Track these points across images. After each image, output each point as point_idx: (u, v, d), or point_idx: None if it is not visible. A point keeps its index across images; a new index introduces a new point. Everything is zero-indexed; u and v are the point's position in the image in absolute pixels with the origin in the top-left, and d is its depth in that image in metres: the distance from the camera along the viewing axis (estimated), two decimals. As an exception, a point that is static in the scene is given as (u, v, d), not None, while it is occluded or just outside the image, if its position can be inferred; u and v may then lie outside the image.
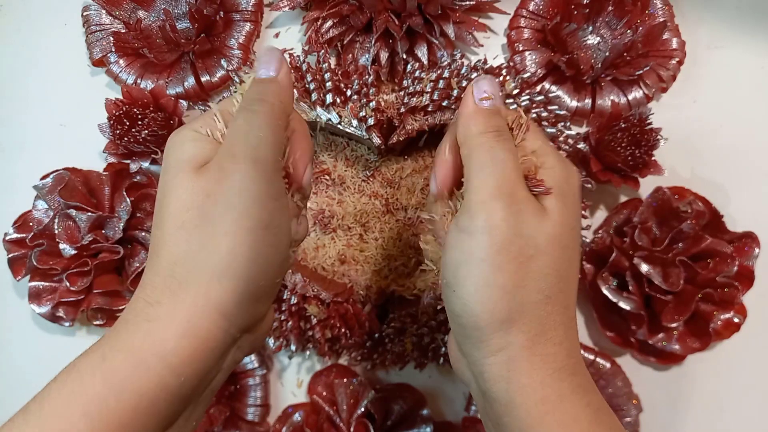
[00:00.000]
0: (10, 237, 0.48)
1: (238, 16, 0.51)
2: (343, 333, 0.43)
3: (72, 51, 0.53)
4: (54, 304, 0.47)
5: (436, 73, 0.44)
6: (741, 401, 0.49)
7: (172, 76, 0.50)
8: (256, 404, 0.48)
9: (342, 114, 0.43)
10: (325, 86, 0.43)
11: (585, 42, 0.50)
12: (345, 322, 0.43)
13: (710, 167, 0.50)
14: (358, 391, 0.46)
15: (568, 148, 0.45)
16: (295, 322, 0.43)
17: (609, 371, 0.47)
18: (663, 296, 0.44)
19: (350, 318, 0.43)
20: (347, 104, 0.43)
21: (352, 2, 0.47)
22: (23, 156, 0.53)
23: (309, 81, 0.43)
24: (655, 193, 0.46)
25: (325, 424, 0.46)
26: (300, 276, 0.43)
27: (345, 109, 0.43)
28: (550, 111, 0.44)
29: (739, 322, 0.46)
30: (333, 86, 0.43)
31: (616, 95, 0.49)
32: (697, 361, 0.48)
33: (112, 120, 0.47)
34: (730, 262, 0.44)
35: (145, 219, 0.48)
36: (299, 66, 0.44)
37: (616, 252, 0.45)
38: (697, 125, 0.51)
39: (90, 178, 0.48)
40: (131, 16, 0.51)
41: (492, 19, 0.52)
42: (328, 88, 0.43)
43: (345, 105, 0.43)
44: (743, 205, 0.49)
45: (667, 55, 0.49)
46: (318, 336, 0.43)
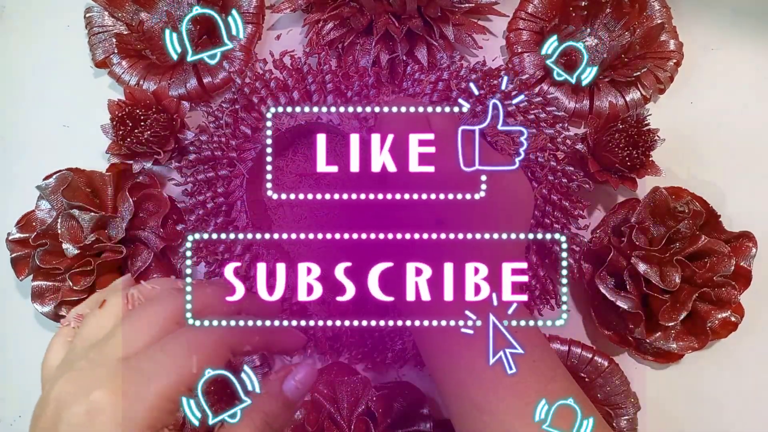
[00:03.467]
0: (13, 237, 0.48)
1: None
2: (344, 331, 0.44)
3: (75, 52, 0.54)
4: (57, 304, 0.47)
5: (436, 75, 0.44)
6: (738, 400, 0.49)
7: (174, 77, 0.50)
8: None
9: (343, 115, 0.43)
10: (326, 88, 0.43)
11: (583, 44, 0.50)
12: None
13: (707, 168, 0.51)
14: (358, 389, 0.47)
15: (566, 149, 0.45)
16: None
17: (607, 369, 0.47)
18: (660, 295, 0.44)
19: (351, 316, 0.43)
20: (348, 105, 0.43)
21: (353, 5, 0.48)
22: (26, 156, 0.53)
23: (310, 83, 0.43)
24: (652, 194, 0.46)
25: (326, 421, 0.46)
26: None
27: (346, 110, 0.43)
28: (548, 112, 0.45)
29: (737, 321, 0.46)
30: (334, 87, 0.43)
31: (613, 96, 0.50)
32: (695, 360, 0.49)
33: (115, 121, 0.47)
34: (727, 262, 0.45)
35: (147, 219, 0.48)
36: (300, 68, 0.44)
37: (614, 252, 0.45)
38: (695, 126, 0.51)
39: (93, 178, 0.49)
40: (134, 18, 0.51)
41: (491, 22, 0.53)
42: (329, 90, 0.43)
43: (345, 106, 0.43)
44: (740, 206, 0.50)
45: (664, 57, 0.50)
46: (319, 334, 0.44)
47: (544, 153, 0.42)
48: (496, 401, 0.29)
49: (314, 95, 0.43)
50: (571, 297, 0.50)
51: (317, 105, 0.43)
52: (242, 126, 0.43)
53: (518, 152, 0.42)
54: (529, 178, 0.42)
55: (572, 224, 0.45)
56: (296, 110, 0.41)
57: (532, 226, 0.42)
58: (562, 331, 0.49)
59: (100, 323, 0.31)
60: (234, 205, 0.43)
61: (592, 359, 0.47)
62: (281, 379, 0.32)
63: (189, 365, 0.28)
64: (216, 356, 0.29)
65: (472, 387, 0.30)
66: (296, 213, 0.47)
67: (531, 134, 0.42)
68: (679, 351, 0.46)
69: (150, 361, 0.28)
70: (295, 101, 0.43)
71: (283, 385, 0.32)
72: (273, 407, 0.31)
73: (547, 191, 0.42)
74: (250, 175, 0.43)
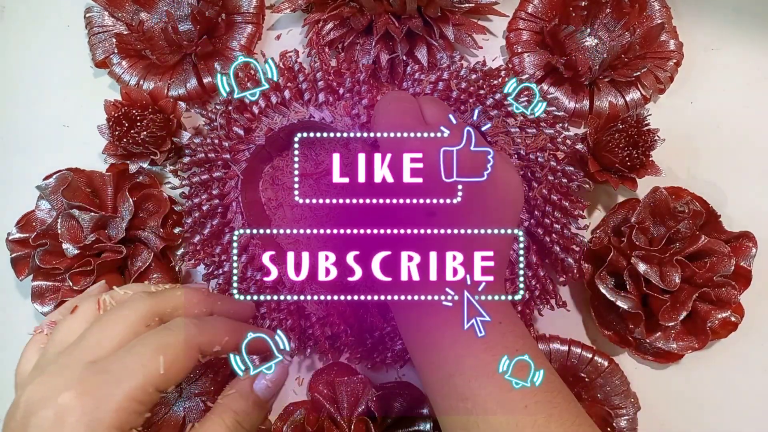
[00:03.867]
0: (13, 237, 0.48)
1: (239, 18, 0.51)
2: (343, 330, 0.44)
3: (75, 52, 0.54)
4: (57, 304, 0.47)
5: (436, 75, 0.44)
6: (738, 400, 0.49)
7: (174, 77, 0.50)
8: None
9: (335, 112, 0.43)
10: (317, 86, 0.43)
11: (583, 44, 0.50)
12: (344, 320, 0.44)
13: (707, 168, 0.51)
14: (358, 389, 0.47)
15: (566, 149, 0.45)
16: (294, 320, 0.44)
17: (607, 370, 0.47)
18: (660, 295, 0.44)
19: (349, 315, 0.43)
20: (340, 102, 0.43)
21: (353, 5, 0.48)
22: (26, 156, 0.53)
23: (301, 81, 0.43)
24: (652, 194, 0.46)
25: (326, 421, 0.46)
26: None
27: (337, 107, 0.43)
28: (548, 112, 0.45)
29: (737, 321, 0.46)
30: (325, 85, 0.43)
31: (613, 96, 0.50)
32: (695, 360, 0.49)
33: (111, 121, 0.47)
34: (727, 262, 0.45)
35: (147, 219, 0.48)
36: (291, 66, 0.44)
37: (614, 252, 0.45)
38: (695, 126, 0.51)
39: (93, 178, 0.49)
40: (134, 18, 0.51)
41: (491, 22, 0.53)
42: (321, 87, 0.43)
43: (337, 103, 0.43)
44: (740, 206, 0.50)
45: (664, 57, 0.50)
46: (318, 334, 0.44)
47: (544, 153, 0.42)
48: (466, 358, 0.34)
49: (306, 93, 0.43)
50: (571, 297, 0.50)
51: (309, 104, 0.43)
52: (235, 127, 0.43)
53: (518, 152, 0.42)
54: (529, 178, 0.42)
55: (572, 224, 0.45)
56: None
57: (532, 226, 0.43)
58: (563, 331, 0.49)
59: (72, 328, 0.31)
60: (229, 207, 0.43)
61: (592, 359, 0.47)
62: (252, 378, 0.33)
63: (156, 366, 0.28)
64: (184, 357, 0.29)
65: (449, 349, 0.34)
66: (297, 213, 0.47)
67: (531, 134, 0.42)
68: (679, 351, 0.46)
69: (118, 363, 0.28)
70: (287, 100, 0.43)
71: (254, 384, 0.32)
72: (243, 406, 0.31)
73: (547, 191, 0.41)
74: (246, 175, 0.43)
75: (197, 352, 0.30)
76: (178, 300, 0.33)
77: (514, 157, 0.42)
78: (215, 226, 0.43)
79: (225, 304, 0.36)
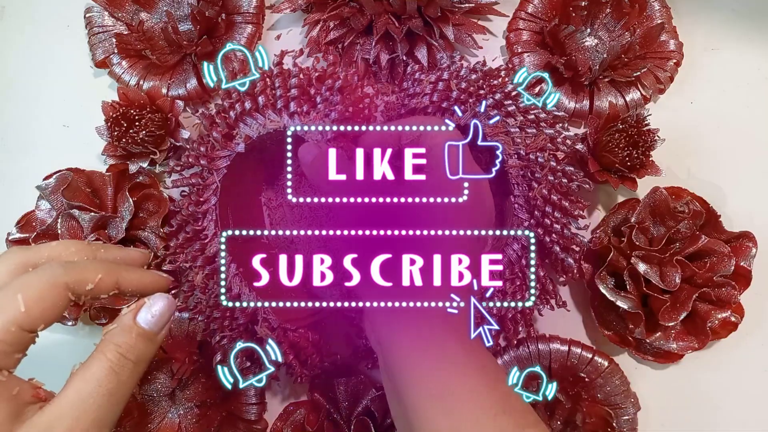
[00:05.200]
0: (14, 237, 0.48)
1: (239, 18, 0.51)
2: (300, 362, 0.42)
3: (75, 52, 0.54)
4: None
5: (436, 75, 0.44)
6: (738, 400, 0.49)
7: (174, 77, 0.50)
8: (253, 402, 0.48)
9: (309, 123, 0.39)
10: (288, 94, 0.40)
11: (583, 44, 0.50)
12: (297, 352, 0.42)
13: (707, 168, 0.51)
14: (358, 389, 0.47)
15: (566, 149, 0.45)
16: (246, 340, 0.42)
17: (607, 370, 0.47)
18: (660, 295, 0.44)
19: (305, 345, 0.42)
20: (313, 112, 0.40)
21: (353, 5, 0.48)
22: (26, 156, 0.53)
23: (276, 87, 0.40)
24: (652, 194, 0.46)
25: (326, 422, 0.46)
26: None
27: (311, 117, 0.40)
28: (548, 112, 0.45)
29: (737, 321, 0.46)
30: (300, 93, 0.40)
31: (613, 96, 0.50)
32: (695, 360, 0.49)
33: (110, 122, 0.47)
34: (727, 262, 0.45)
35: (147, 219, 0.48)
36: (269, 71, 0.41)
37: (614, 252, 0.45)
38: (694, 126, 0.51)
39: (93, 178, 0.49)
40: (134, 18, 0.51)
41: (491, 22, 0.53)
42: (292, 96, 0.39)
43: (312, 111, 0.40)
44: (740, 206, 0.50)
45: (664, 57, 0.50)
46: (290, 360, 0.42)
47: (544, 153, 0.42)
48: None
49: (279, 101, 0.40)
50: (571, 297, 0.50)
51: (282, 112, 0.40)
52: (214, 132, 0.41)
53: (518, 152, 0.42)
54: (529, 178, 0.42)
55: (572, 224, 0.45)
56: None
57: (533, 226, 0.43)
58: (563, 331, 0.49)
59: None
60: (206, 214, 0.42)
61: (592, 359, 0.47)
62: (135, 311, 0.32)
63: (16, 305, 0.28)
64: (50, 295, 0.29)
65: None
66: (296, 213, 0.47)
67: (531, 134, 0.42)
68: (679, 351, 0.46)
69: None
70: (260, 107, 0.40)
71: (137, 316, 0.32)
72: (126, 338, 0.31)
73: (547, 191, 0.41)
74: (232, 180, 0.42)
75: (65, 290, 0.30)
76: (52, 250, 0.32)
77: (514, 157, 0.42)
78: (189, 233, 0.42)
79: (109, 252, 0.35)
